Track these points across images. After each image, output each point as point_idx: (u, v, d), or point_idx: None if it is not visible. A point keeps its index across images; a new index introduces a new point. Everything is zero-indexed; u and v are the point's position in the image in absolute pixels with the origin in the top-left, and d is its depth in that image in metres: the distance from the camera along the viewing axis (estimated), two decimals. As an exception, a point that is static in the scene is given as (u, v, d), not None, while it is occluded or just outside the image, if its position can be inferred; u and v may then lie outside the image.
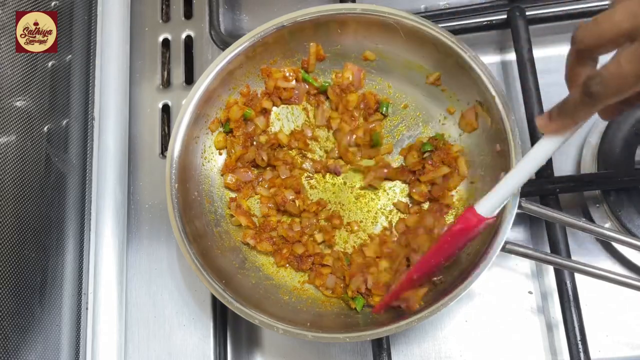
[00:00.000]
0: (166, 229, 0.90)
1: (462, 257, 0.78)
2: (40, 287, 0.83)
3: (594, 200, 0.85)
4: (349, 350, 0.85)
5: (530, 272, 0.85)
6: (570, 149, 0.89)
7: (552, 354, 0.81)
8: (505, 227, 0.72)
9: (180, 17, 1.01)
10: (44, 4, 0.92)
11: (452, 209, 0.83)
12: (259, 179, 0.88)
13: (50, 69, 0.92)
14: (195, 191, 0.84)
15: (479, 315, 0.84)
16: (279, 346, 0.87)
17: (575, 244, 0.81)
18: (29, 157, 0.85)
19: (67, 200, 0.91)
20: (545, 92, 0.87)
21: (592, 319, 0.79)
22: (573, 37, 0.56)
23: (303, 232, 0.84)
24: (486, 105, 0.80)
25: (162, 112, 0.97)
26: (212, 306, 0.86)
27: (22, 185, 0.83)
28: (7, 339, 0.76)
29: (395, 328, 0.71)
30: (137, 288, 0.89)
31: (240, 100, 0.88)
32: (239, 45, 0.85)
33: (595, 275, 0.72)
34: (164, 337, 0.86)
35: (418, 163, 0.84)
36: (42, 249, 0.85)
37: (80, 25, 0.99)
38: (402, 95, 0.89)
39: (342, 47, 0.88)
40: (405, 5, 0.97)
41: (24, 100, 0.86)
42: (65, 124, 0.93)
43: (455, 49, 0.80)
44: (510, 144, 0.76)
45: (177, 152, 0.82)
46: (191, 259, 0.77)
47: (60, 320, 0.86)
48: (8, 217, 0.79)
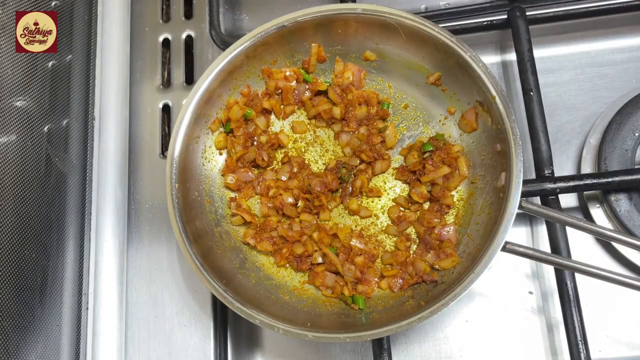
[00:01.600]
0: (166, 229, 0.90)
1: (462, 257, 0.79)
2: (40, 287, 0.83)
3: (594, 200, 0.85)
4: (350, 350, 0.85)
5: (530, 272, 0.85)
6: (570, 149, 0.89)
7: (552, 354, 0.81)
8: (505, 227, 0.72)
9: (181, 17, 1.01)
10: (44, 4, 0.91)
11: (452, 209, 0.84)
12: (260, 179, 0.88)
13: (50, 69, 0.92)
14: (195, 191, 0.84)
15: (479, 316, 0.84)
16: (279, 346, 0.87)
17: (575, 244, 0.81)
18: (29, 157, 0.84)
19: (68, 200, 0.91)
20: (545, 92, 0.87)
21: (592, 319, 0.79)
22: None
23: (302, 232, 0.84)
24: (486, 105, 0.80)
25: (162, 112, 0.97)
26: (213, 306, 0.86)
27: (23, 185, 0.82)
28: (8, 339, 0.76)
29: (395, 328, 0.71)
30: (137, 288, 0.89)
31: (241, 100, 0.88)
32: (239, 45, 0.85)
33: (595, 275, 0.72)
34: (164, 337, 0.86)
35: (418, 163, 0.85)
36: (43, 249, 0.85)
37: (80, 25, 0.99)
38: (403, 95, 0.89)
39: (342, 47, 0.88)
40: (406, 5, 0.97)
41: (24, 100, 0.85)
42: (66, 124, 0.93)
43: (455, 49, 0.80)
44: (510, 144, 0.76)
45: (178, 152, 0.82)
46: (191, 259, 0.77)
47: (61, 320, 0.86)
48: (8, 217, 0.78)
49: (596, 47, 0.94)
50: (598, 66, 0.93)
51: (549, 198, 0.81)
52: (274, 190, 0.87)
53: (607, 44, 0.94)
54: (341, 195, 0.87)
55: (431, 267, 0.80)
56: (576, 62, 0.93)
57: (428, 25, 0.81)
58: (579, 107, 0.91)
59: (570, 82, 0.92)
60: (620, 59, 0.92)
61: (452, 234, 0.81)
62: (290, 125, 0.91)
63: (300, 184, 0.86)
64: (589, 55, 0.93)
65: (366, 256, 0.82)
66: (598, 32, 0.94)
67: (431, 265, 0.80)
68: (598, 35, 0.94)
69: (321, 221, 0.86)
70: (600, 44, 0.94)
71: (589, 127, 0.88)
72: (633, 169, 0.82)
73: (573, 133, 0.90)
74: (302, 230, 0.84)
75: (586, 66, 0.93)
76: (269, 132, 0.90)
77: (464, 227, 0.81)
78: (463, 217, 0.83)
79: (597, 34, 0.94)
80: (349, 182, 0.86)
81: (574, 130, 0.90)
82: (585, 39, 0.94)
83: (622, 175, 0.80)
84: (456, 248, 0.80)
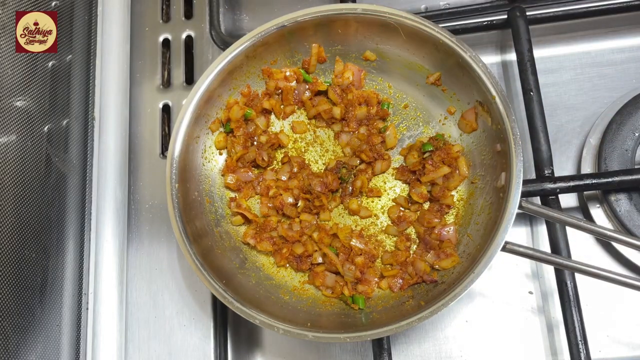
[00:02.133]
0: (166, 229, 0.90)
1: (462, 257, 0.79)
2: (40, 287, 0.83)
3: (594, 200, 0.85)
4: (350, 350, 0.85)
5: (530, 272, 0.85)
6: (570, 149, 0.89)
7: (552, 354, 0.81)
8: (505, 227, 0.72)
9: (181, 17, 1.01)
10: (44, 4, 0.91)
11: (452, 209, 0.84)
12: (259, 179, 0.88)
13: (51, 69, 0.92)
14: (195, 191, 0.84)
15: (479, 316, 0.84)
16: (279, 346, 0.87)
17: (575, 244, 0.81)
18: (29, 157, 0.84)
19: (68, 200, 0.91)
20: (545, 92, 0.87)
21: (592, 319, 0.79)
22: None
23: (302, 232, 0.84)
24: (486, 105, 0.80)
25: (162, 112, 0.97)
26: (213, 306, 0.86)
27: (23, 185, 0.82)
28: (8, 339, 0.76)
29: (395, 328, 0.71)
30: (137, 288, 0.89)
31: (241, 100, 0.88)
32: (239, 45, 0.85)
33: (595, 275, 0.72)
34: (164, 337, 0.86)
35: (418, 163, 0.85)
36: (43, 249, 0.85)
37: (81, 25, 0.99)
38: (403, 95, 0.89)
39: (342, 47, 0.88)
40: (406, 5, 0.97)
41: (24, 100, 0.85)
42: (66, 124, 0.93)
43: (455, 49, 0.80)
44: (510, 144, 0.76)
45: (178, 152, 0.82)
46: (191, 259, 0.77)
47: (61, 320, 0.86)
48: (8, 217, 0.78)
49: (596, 47, 0.94)
50: (598, 66, 0.93)
51: (549, 198, 0.81)
52: (274, 190, 0.87)
53: (607, 44, 0.94)
54: (341, 195, 0.87)
55: (431, 267, 0.80)
56: (576, 62, 0.93)
57: (428, 25, 0.81)
58: (579, 107, 0.91)
59: (570, 82, 0.93)
60: (620, 59, 0.92)
61: (452, 234, 0.81)
62: (290, 125, 0.91)
63: (300, 184, 0.86)
64: (589, 55, 0.93)
65: (366, 256, 0.82)
66: (598, 32, 0.94)
67: (431, 265, 0.80)
68: (598, 35, 0.94)
69: (321, 221, 0.86)
70: (600, 44, 0.94)
71: (589, 127, 0.88)
72: (633, 169, 0.82)
73: (573, 133, 0.90)
74: (302, 230, 0.84)
75: (586, 66, 0.93)
76: (269, 132, 0.90)
77: (464, 227, 0.81)
78: (463, 217, 0.83)
79: (597, 34, 0.94)
80: (349, 182, 0.86)
81: (574, 130, 0.90)
82: (585, 39, 0.94)
83: (622, 175, 0.80)
84: (456, 248, 0.80)
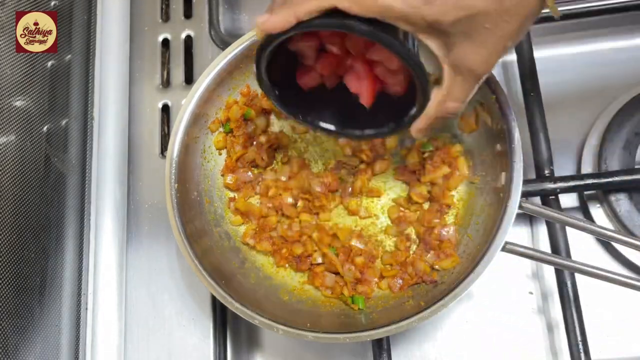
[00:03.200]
0: (166, 229, 0.90)
1: (462, 257, 0.79)
2: (39, 288, 0.83)
3: (594, 200, 0.85)
4: (349, 350, 0.85)
5: (530, 272, 0.85)
6: (570, 149, 0.89)
7: (552, 355, 0.81)
8: (505, 227, 0.72)
9: (180, 16, 1.01)
10: (43, 4, 0.91)
11: (452, 209, 0.83)
12: (259, 179, 0.88)
13: (50, 69, 0.92)
14: (195, 191, 0.84)
15: (479, 316, 0.84)
16: (279, 346, 0.87)
17: (575, 244, 0.81)
18: (28, 157, 0.84)
19: (67, 200, 0.91)
20: (545, 92, 0.87)
21: (592, 320, 0.79)
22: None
23: (302, 232, 0.84)
24: (486, 105, 0.80)
25: (162, 112, 0.97)
26: (212, 306, 0.86)
27: (22, 185, 0.82)
28: (7, 339, 0.76)
29: (395, 328, 0.71)
30: (136, 288, 0.89)
31: (241, 100, 0.88)
32: (239, 45, 0.84)
33: (595, 275, 0.72)
34: (163, 337, 0.86)
35: (418, 163, 0.84)
36: (42, 249, 0.84)
37: (80, 25, 0.99)
38: (402, 95, 0.89)
39: (342, 47, 0.88)
40: (405, 5, 0.97)
41: (24, 100, 0.85)
42: (65, 124, 0.93)
43: (455, 49, 0.80)
44: (510, 144, 0.75)
45: (177, 152, 0.82)
46: (191, 259, 0.77)
47: (60, 321, 0.86)
48: (7, 217, 0.78)
49: (596, 47, 0.94)
50: (598, 66, 0.93)
51: (549, 198, 0.81)
52: (274, 190, 0.86)
53: (607, 44, 0.93)
54: (341, 196, 0.86)
55: (431, 268, 0.80)
56: (576, 62, 0.93)
57: (428, 25, 0.81)
58: (579, 107, 0.91)
59: (570, 82, 0.92)
60: (620, 59, 0.92)
61: (452, 234, 0.81)
62: (290, 125, 0.91)
63: (300, 184, 0.86)
64: (589, 55, 0.93)
65: (366, 256, 0.82)
66: (598, 32, 0.93)
67: (431, 265, 0.80)
68: (598, 35, 0.94)
69: (321, 221, 0.85)
70: (601, 44, 0.94)
71: (589, 127, 0.88)
72: (633, 169, 0.82)
73: (573, 133, 0.90)
74: (302, 231, 0.84)
75: (586, 66, 0.93)
76: (268, 132, 0.90)
77: (464, 227, 0.81)
78: (463, 217, 0.83)
79: (597, 34, 0.94)
80: (349, 182, 0.86)
81: (574, 130, 0.90)
82: (585, 39, 0.94)
83: (622, 175, 0.80)
84: (456, 248, 0.80)
